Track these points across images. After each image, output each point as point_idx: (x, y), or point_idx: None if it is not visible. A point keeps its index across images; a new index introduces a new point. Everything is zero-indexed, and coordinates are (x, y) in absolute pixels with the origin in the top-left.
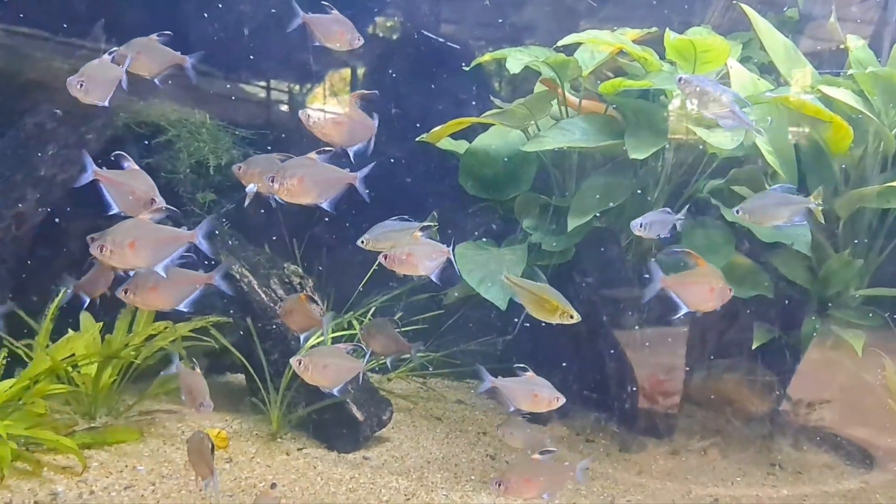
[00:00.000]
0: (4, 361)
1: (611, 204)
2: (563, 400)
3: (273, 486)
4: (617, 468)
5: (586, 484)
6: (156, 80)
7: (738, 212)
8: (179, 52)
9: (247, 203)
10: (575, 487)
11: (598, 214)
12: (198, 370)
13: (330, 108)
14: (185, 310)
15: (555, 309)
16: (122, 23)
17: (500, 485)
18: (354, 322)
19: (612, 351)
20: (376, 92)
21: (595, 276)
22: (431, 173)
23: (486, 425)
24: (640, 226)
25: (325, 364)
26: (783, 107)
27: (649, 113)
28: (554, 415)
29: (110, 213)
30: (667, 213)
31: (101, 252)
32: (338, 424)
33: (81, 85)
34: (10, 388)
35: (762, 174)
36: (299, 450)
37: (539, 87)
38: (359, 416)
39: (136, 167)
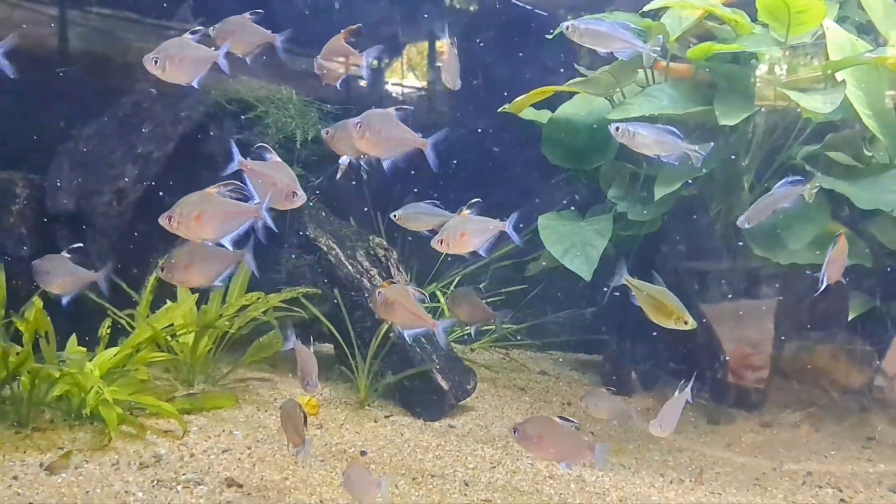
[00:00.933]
0: (108, 331)
1: (700, 172)
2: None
3: (363, 453)
4: (705, 440)
5: (603, 468)
6: (246, 59)
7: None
8: (269, 31)
9: (339, 175)
10: (662, 459)
11: (689, 182)
12: (312, 348)
13: (409, 83)
14: (220, 285)
15: (671, 313)
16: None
17: (515, 431)
18: (438, 293)
19: (702, 321)
20: (360, 24)
21: (683, 246)
22: (515, 143)
23: (570, 396)
24: (617, 129)
25: (392, 301)
26: (882, 68)
27: (740, 77)
28: (638, 386)
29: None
30: (671, 133)
31: (169, 223)
32: (423, 393)
33: (157, 62)
34: (115, 355)
35: (860, 139)
36: (386, 417)
37: None
38: (444, 385)
39: (278, 159)
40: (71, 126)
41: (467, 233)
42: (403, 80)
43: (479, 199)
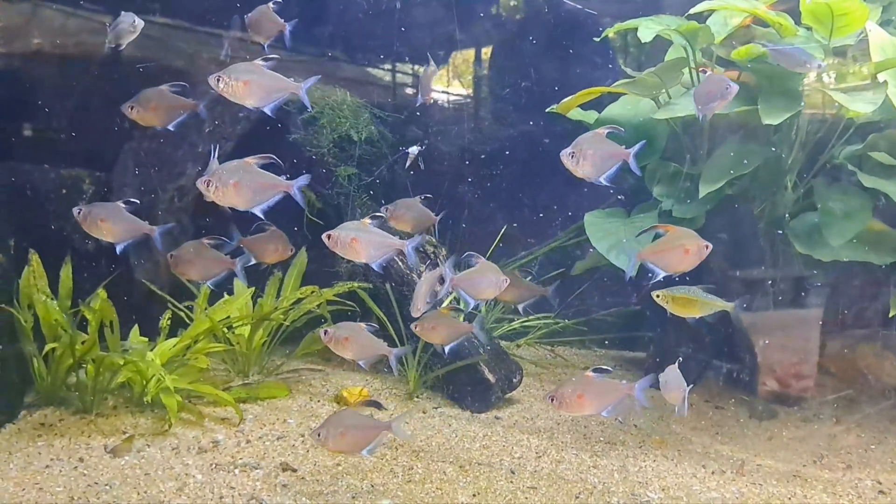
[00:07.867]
0: (168, 322)
1: (744, 170)
2: None
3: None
4: (746, 434)
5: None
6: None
7: None
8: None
9: (408, 164)
10: (704, 451)
11: (733, 180)
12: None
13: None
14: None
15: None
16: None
17: (553, 399)
18: None
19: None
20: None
21: (726, 244)
22: (563, 143)
23: None
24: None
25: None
26: None
27: (783, 78)
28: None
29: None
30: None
31: (207, 187)
32: (471, 385)
33: (219, 80)
34: (175, 346)
35: None
36: (435, 408)
37: (670, 56)
38: (490, 378)
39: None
40: (134, 126)
41: (359, 240)
42: (449, 86)
43: (381, 214)
